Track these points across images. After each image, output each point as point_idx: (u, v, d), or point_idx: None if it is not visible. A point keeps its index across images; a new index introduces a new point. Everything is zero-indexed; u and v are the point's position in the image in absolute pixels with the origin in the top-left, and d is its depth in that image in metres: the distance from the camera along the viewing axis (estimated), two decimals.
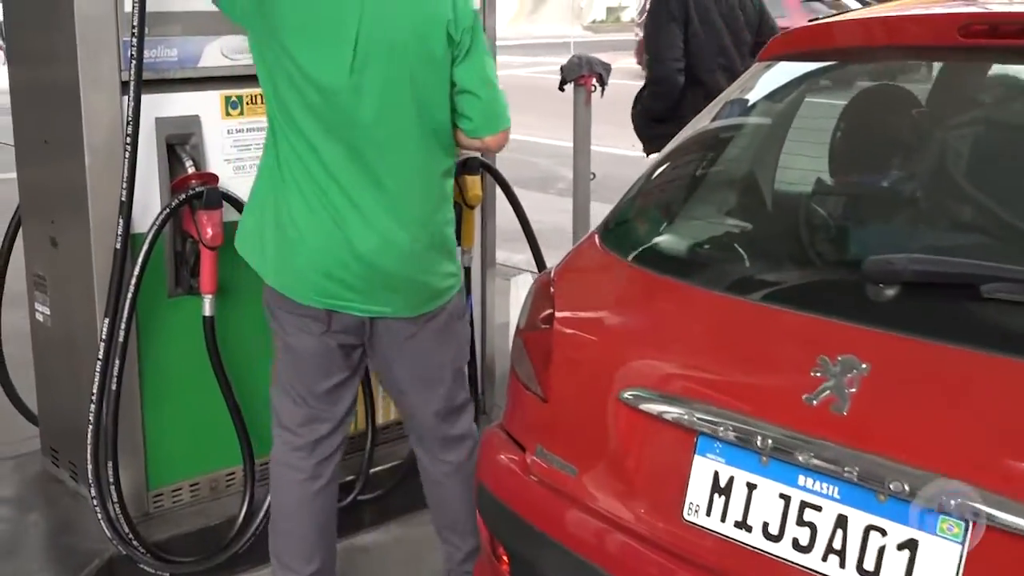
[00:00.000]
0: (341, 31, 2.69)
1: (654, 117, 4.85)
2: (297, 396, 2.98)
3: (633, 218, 2.58)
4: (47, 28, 3.29)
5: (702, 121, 2.70)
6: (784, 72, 2.70)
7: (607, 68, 4.70)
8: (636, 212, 2.59)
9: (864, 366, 1.88)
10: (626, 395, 2.20)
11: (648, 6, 5.00)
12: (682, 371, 2.19)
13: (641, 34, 30.05)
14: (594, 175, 4.96)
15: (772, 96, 2.73)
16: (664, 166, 2.62)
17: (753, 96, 2.72)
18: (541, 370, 2.43)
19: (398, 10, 2.74)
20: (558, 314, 2.43)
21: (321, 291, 2.82)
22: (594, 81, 4.66)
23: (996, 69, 2.49)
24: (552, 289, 2.49)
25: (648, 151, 5.01)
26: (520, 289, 4.58)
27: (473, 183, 3.85)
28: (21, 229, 3.73)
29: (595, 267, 2.53)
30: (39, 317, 3.66)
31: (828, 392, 1.90)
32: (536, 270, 4.33)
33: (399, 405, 3.17)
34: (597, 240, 2.55)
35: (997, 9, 2.43)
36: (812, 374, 1.93)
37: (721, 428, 2.03)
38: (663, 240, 2.52)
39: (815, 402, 1.91)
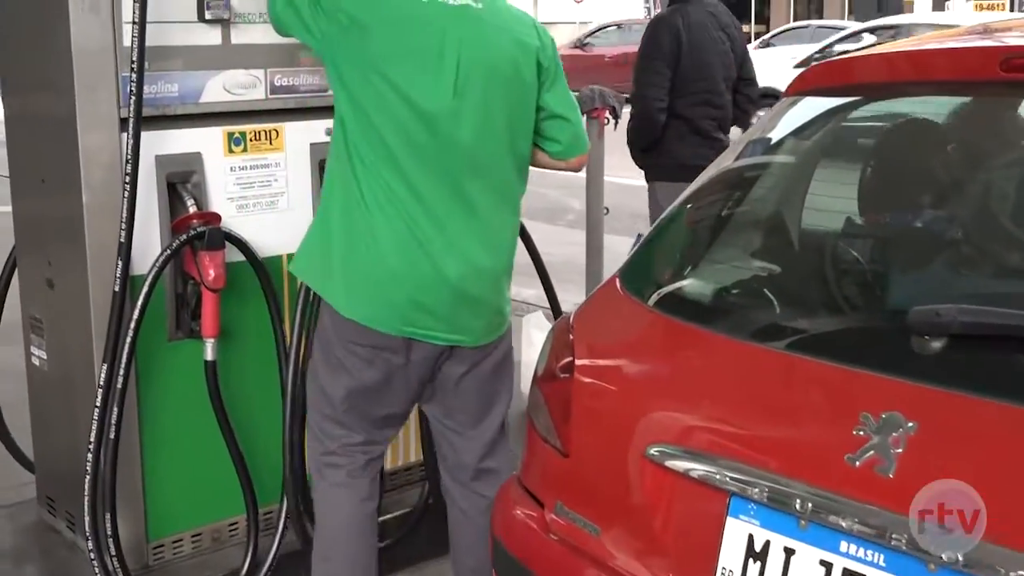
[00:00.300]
0: (443, 56, 2.68)
1: (639, 148, 4.94)
2: (355, 425, 2.88)
3: (655, 261, 2.46)
4: (43, 61, 3.19)
5: (726, 160, 2.59)
6: (811, 108, 2.59)
7: (620, 100, 4.60)
8: (659, 255, 2.47)
9: (910, 424, 1.76)
10: (652, 451, 2.07)
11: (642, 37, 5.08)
12: (711, 426, 2.07)
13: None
14: (607, 209, 4.86)
15: (798, 133, 2.62)
16: (687, 207, 2.51)
17: (778, 133, 2.60)
18: (560, 422, 2.31)
19: (493, 37, 2.76)
20: (578, 363, 2.30)
21: (404, 319, 2.73)
22: (607, 114, 4.56)
23: None
24: (571, 336, 2.36)
25: (646, 178, 5.08)
26: (532, 328, 4.43)
27: None
28: (17, 270, 3.62)
29: (616, 313, 2.40)
30: (35, 361, 3.54)
31: (872, 452, 1.78)
32: (548, 306, 4.20)
33: (443, 436, 3.02)
34: (618, 284, 2.43)
35: None
36: (854, 432, 1.80)
37: (755, 488, 1.91)
38: (688, 285, 2.39)
39: (858, 463, 1.78)
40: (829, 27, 23.54)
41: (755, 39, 25.50)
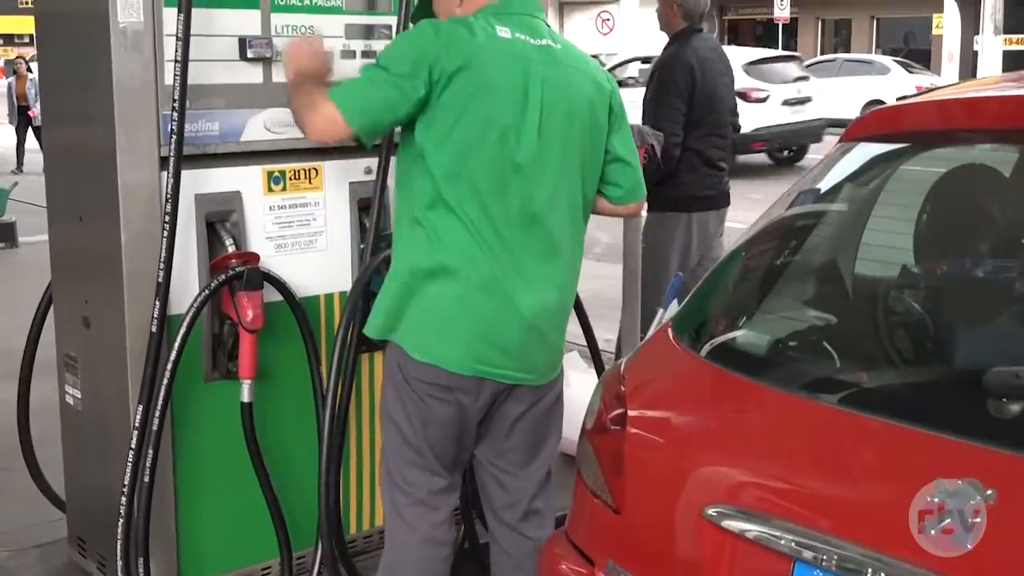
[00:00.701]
0: (528, 95, 2.67)
1: (652, 182, 4.92)
2: (439, 468, 2.83)
3: (710, 311, 2.40)
4: (84, 97, 3.15)
5: (779, 207, 2.52)
6: (865, 154, 2.53)
7: (659, 138, 4.55)
8: (713, 305, 2.40)
9: (989, 492, 1.68)
10: (710, 511, 2.00)
11: (653, 74, 5.15)
12: (773, 486, 2.00)
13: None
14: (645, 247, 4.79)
15: (852, 179, 2.56)
16: (742, 255, 2.44)
17: (832, 180, 2.54)
18: (611, 477, 2.24)
19: (573, 78, 2.77)
20: (631, 414, 2.24)
21: (479, 358, 2.69)
22: (643, 152, 4.50)
23: None
24: (623, 388, 2.30)
25: (651, 209, 5.11)
26: (568, 368, 4.36)
27: None
28: (52, 306, 3.58)
29: (670, 364, 2.34)
30: (69, 400, 3.49)
31: (948, 520, 1.70)
32: (586, 344, 4.13)
33: (492, 478, 2.95)
34: (670, 334, 2.37)
35: None
36: (928, 499, 1.73)
37: (822, 554, 1.83)
38: (744, 336, 2.33)
39: (933, 532, 1.71)
40: (857, 60, 23.47)
41: None
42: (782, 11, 25.31)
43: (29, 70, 17.17)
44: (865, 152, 2.52)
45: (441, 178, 2.65)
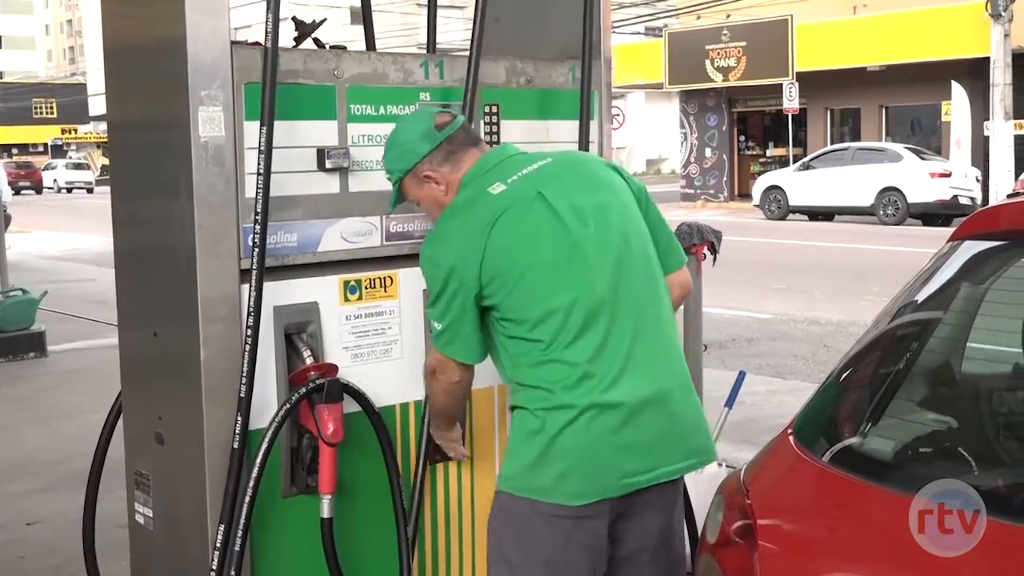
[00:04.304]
0: (559, 215, 2.75)
1: None
2: None
3: (832, 417, 2.33)
4: (161, 209, 3.08)
5: (891, 308, 2.47)
6: (973, 251, 2.49)
7: (718, 236, 4.52)
8: (834, 410, 2.34)
9: None
10: None
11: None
12: None
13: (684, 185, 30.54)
14: (706, 347, 4.74)
15: (962, 277, 2.51)
16: (859, 359, 2.38)
17: (944, 278, 2.49)
18: None
19: (582, 165, 2.95)
20: (760, 527, 2.15)
21: (623, 472, 2.49)
22: (705, 249, 4.48)
23: None
24: (748, 500, 2.22)
25: None
26: None
27: None
28: (123, 421, 3.51)
29: (795, 472, 2.27)
30: (139, 519, 3.40)
31: None
32: None
33: None
34: (791, 441, 2.30)
35: None
36: None
37: None
38: (870, 442, 2.25)
39: None
40: (869, 149, 23.62)
41: (793, 161, 25.65)
42: (791, 102, 25.58)
43: None
44: (972, 250, 2.47)
45: (528, 331, 2.69)
